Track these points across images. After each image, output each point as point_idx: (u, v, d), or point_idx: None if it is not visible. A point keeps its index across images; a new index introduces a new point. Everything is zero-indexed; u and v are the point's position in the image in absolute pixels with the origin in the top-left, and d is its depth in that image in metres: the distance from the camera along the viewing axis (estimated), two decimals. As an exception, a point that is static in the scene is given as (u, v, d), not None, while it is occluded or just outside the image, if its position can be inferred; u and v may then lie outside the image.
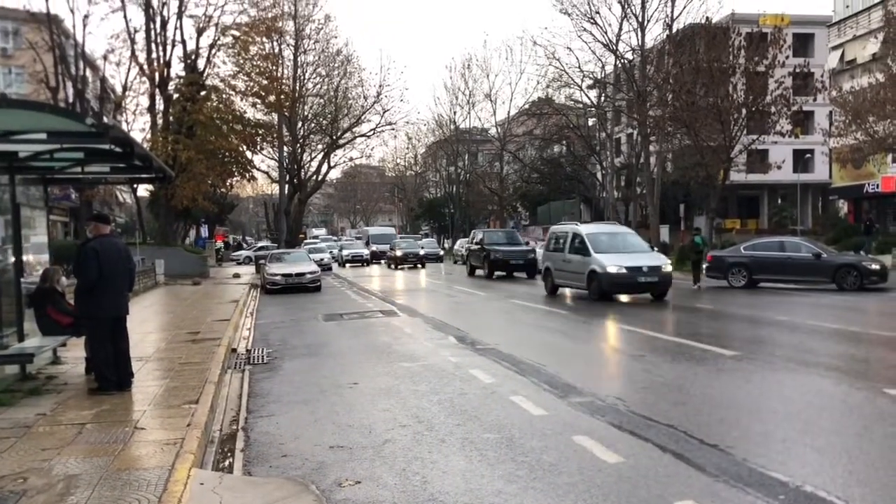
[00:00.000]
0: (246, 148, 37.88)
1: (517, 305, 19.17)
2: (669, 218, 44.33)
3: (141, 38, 34.75)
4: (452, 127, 68.58)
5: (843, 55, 43.60)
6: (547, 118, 56.33)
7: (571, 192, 59.22)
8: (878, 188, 39.30)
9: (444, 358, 10.97)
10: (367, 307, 19.44)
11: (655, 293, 19.09)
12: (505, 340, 12.47)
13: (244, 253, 59.51)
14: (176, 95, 35.01)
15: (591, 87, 48.94)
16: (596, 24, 42.07)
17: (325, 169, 53.18)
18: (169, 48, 35.18)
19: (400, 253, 41.51)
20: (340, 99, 50.77)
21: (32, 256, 10.37)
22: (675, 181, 42.69)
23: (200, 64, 35.55)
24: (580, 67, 46.03)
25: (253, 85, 36.34)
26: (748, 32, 32.44)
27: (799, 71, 32.30)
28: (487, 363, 10.38)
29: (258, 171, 47.70)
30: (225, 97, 36.86)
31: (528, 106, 58.87)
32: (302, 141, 51.32)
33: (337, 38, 65.49)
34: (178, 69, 36.07)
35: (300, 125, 50.95)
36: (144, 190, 42.71)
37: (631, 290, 19.08)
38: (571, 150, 58.24)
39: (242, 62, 35.84)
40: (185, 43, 35.66)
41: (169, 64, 35.22)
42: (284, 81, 42.77)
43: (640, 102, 39.66)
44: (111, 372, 8.43)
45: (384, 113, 50.41)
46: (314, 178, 53.33)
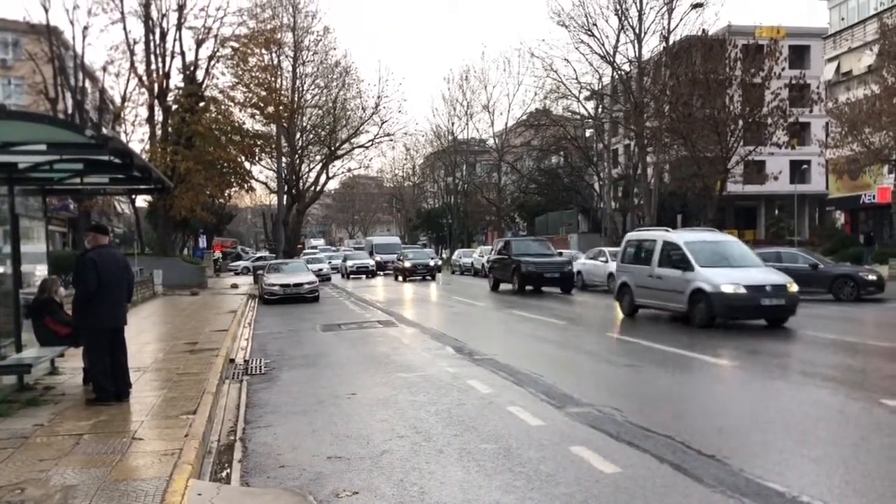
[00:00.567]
0: (244, 159, 37.96)
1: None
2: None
3: (140, 49, 34.94)
4: (450, 138, 68.72)
5: (838, 67, 43.85)
6: (545, 129, 56.55)
7: (569, 202, 59.32)
8: (874, 199, 39.41)
9: (441, 368, 10.98)
10: (364, 317, 19.45)
11: (780, 319, 14.99)
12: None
13: (242, 263, 59.48)
14: (175, 106, 35.11)
15: (588, 98, 49.16)
16: (593, 36, 42.29)
17: (323, 179, 53.32)
18: (168, 59, 35.39)
19: (409, 264, 38.80)
20: (339, 110, 50.93)
21: (31, 267, 10.38)
22: (672, 192, 42.80)
23: (199, 75, 35.72)
24: (577, 79, 46.28)
25: (252, 96, 36.48)
26: (744, 44, 32.67)
27: (795, 83, 32.48)
28: (485, 373, 10.39)
29: (256, 181, 47.83)
30: (224, 108, 36.99)
31: (525, 117, 59.08)
32: (300, 152, 51.45)
33: (336, 49, 65.79)
34: (177, 80, 36.26)
35: (299, 136, 51.07)
36: (143, 200, 42.80)
37: (750, 314, 14.92)
38: (569, 160, 58.40)
39: (241, 73, 36.00)
40: (184, 54, 35.87)
41: (168, 75, 35.37)
42: (283, 93, 42.92)
43: (637, 114, 39.80)
44: (109, 382, 8.42)
45: (382, 124, 50.65)
46: (312, 188, 53.41)
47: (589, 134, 54.91)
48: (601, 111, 50.08)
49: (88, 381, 8.94)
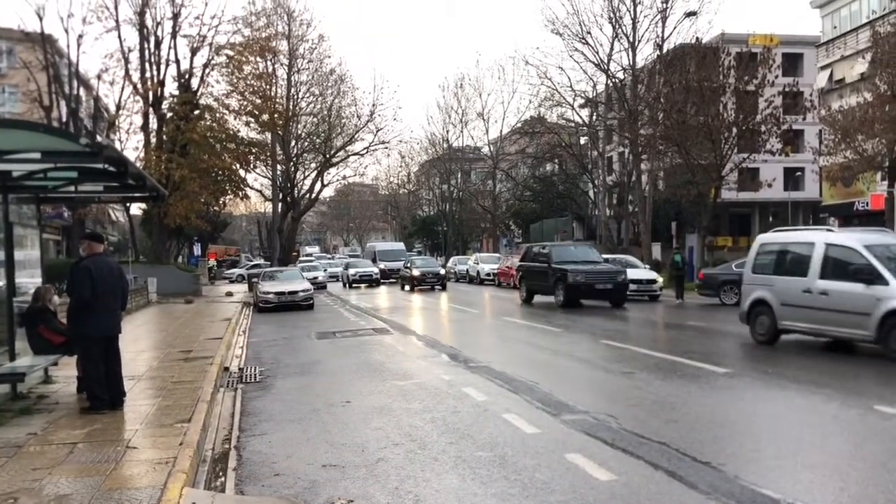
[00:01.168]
0: (239, 166, 37.94)
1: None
2: (661, 235, 44.48)
3: (135, 57, 34.89)
4: (445, 145, 68.81)
5: (831, 75, 44.04)
6: (539, 137, 56.70)
7: (564, 209, 59.42)
8: (867, 206, 39.55)
9: (436, 375, 10.96)
10: (359, 325, 19.41)
11: None
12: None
13: (237, 271, 59.36)
14: (170, 114, 35.08)
15: (582, 106, 49.28)
16: (587, 44, 42.42)
17: (318, 187, 53.18)
18: (163, 67, 35.38)
19: (417, 272, 36.08)
20: (334, 118, 50.89)
21: (25, 275, 10.35)
22: (666, 199, 42.90)
23: (194, 83, 35.71)
24: (572, 87, 46.42)
25: (247, 104, 36.47)
26: (738, 52, 32.73)
27: (788, 90, 32.52)
28: (480, 380, 10.38)
29: (251, 189, 47.80)
30: (218, 116, 36.98)
31: (520, 125, 59.19)
32: (295, 159, 51.39)
33: (330, 57, 65.67)
34: (171, 88, 36.28)
35: (293, 144, 51.01)
36: (137, 208, 42.73)
37: None
38: (564, 168, 58.54)
39: (236, 81, 36.00)
40: (178, 62, 35.85)
41: (163, 83, 35.36)
42: (278, 100, 42.87)
43: (631, 121, 39.91)
44: (103, 391, 8.40)
45: (377, 132, 50.55)
46: (307, 196, 53.33)
47: (583, 141, 55.07)
48: (595, 119, 50.23)
49: (82, 389, 8.91)
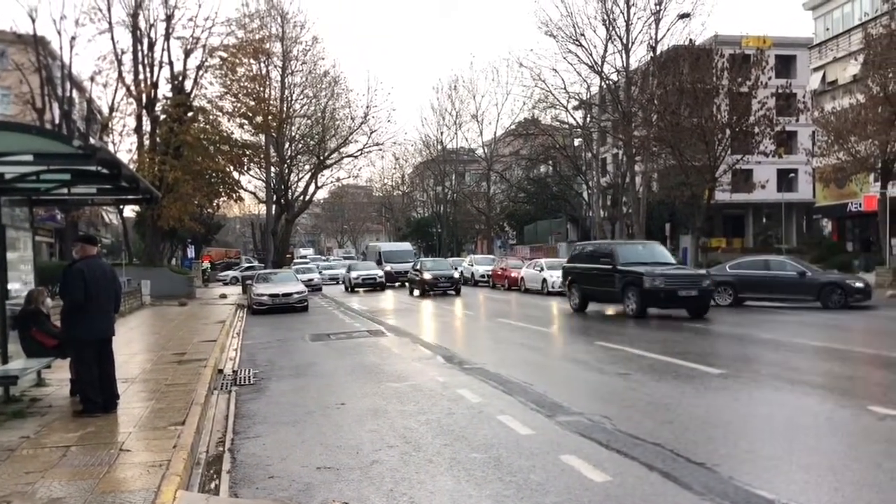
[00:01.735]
0: (233, 168, 37.88)
1: None
2: (655, 237, 44.37)
3: (128, 59, 34.80)
4: (439, 147, 68.88)
5: (824, 76, 44.23)
6: (533, 138, 56.78)
7: (558, 211, 59.52)
8: (860, 207, 39.70)
9: (430, 377, 10.96)
10: (354, 327, 19.38)
11: None
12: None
13: (231, 273, 59.25)
14: (163, 116, 35.01)
15: (576, 107, 49.34)
16: (581, 46, 42.49)
17: (312, 189, 53.22)
18: (156, 69, 35.28)
19: (429, 276, 32.71)
20: (328, 120, 50.94)
21: (17, 278, 10.31)
22: (660, 200, 42.99)
23: (188, 85, 35.61)
24: (566, 88, 46.46)
25: (240, 106, 36.42)
26: (731, 54, 32.88)
27: (781, 92, 32.68)
28: (475, 382, 10.37)
29: (245, 191, 47.75)
30: (212, 118, 36.90)
31: (514, 126, 59.30)
32: (289, 161, 51.40)
33: (324, 59, 65.97)
34: (165, 90, 36.13)
35: (287, 146, 51.03)
36: (131, 210, 42.59)
37: None
38: (558, 169, 58.62)
39: (230, 83, 35.93)
40: (172, 64, 35.76)
41: (156, 85, 35.27)
42: (272, 102, 42.84)
43: (625, 123, 39.98)
44: (96, 394, 8.37)
45: (371, 133, 50.65)
46: (301, 198, 53.32)
47: (577, 143, 55.11)
48: (589, 120, 50.29)
49: (76, 392, 8.88)
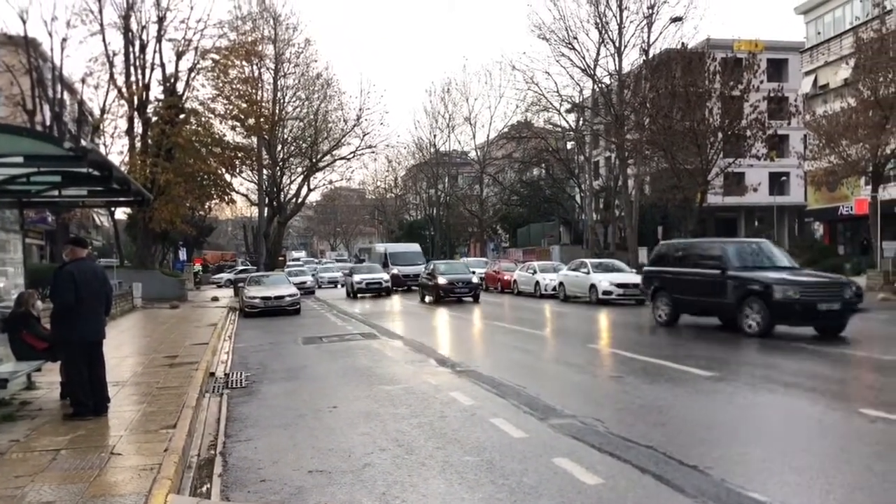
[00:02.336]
0: (225, 171, 37.74)
1: None
2: (648, 240, 44.68)
3: (120, 61, 34.63)
4: (432, 150, 68.90)
5: (815, 80, 44.43)
6: (526, 141, 56.89)
7: (551, 214, 59.63)
8: (851, 210, 39.89)
9: (423, 380, 10.93)
10: (346, 330, 19.34)
11: None
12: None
13: (224, 276, 59.06)
14: (155, 118, 34.86)
15: (569, 111, 49.51)
16: (574, 49, 42.67)
17: (304, 191, 53.22)
18: (148, 71, 35.13)
19: (444, 280, 29.39)
20: (320, 122, 50.91)
21: (7, 280, 10.25)
22: (653, 203, 43.11)
23: (179, 87, 35.53)
24: (558, 92, 46.64)
25: (232, 108, 36.31)
26: (723, 58, 33.04)
27: (773, 95, 32.91)
28: (468, 385, 10.36)
29: (237, 193, 47.69)
30: (204, 120, 36.74)
31: (507, 129, 59.40)
32: (281, 164, 51.32)
33: (317, 61, 65.87)
34: (157, 92, 36.01)
35: (280, 148, 50.95)
36: (122, 213, 42.41)
37: None
38: (550, 173, 58.73)
39: (222, 85, 35.83)
40: (164, 66, 35.64)
41: (148, 87, 35.14)
42: (264, 105, 42.81)
43: (617, 126, 40.12)
44: (87, 397, 8.31)
45: (364, 136, 50.66)
46: (294, 200, 53.26)
47: (570, 146, 55.29)
48: (582, 124, 50.44)
49: (66, 395, 8.82)
